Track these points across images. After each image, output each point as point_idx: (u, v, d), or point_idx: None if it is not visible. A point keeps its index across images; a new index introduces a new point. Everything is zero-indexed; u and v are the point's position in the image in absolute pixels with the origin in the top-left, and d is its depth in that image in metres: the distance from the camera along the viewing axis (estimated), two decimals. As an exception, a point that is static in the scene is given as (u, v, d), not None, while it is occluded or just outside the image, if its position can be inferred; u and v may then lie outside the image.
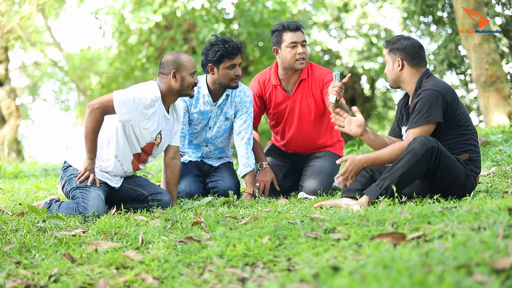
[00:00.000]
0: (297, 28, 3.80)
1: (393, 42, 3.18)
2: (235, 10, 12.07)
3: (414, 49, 3.14)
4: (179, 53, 3.36)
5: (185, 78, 3.29)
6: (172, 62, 3.28)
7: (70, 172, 3.27)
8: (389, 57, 3.19)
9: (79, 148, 3.32)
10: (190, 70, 3.31)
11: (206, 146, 3.96)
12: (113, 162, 3.28)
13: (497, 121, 7.94)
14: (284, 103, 3.94)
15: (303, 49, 3.79)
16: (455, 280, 1.44)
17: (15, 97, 12.12)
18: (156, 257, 2.17)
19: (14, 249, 2.41)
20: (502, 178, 3.75)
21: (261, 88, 4.00)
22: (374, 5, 15.74)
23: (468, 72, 10.81)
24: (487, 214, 2.15)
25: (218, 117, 3.86)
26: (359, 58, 14.66)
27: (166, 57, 3.32)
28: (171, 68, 3.28)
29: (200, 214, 2.81)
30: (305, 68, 3.89)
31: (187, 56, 3.35)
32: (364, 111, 16.80)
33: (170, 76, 3.27)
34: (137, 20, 10.92)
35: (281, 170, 4.02)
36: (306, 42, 3.82)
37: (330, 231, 2.26)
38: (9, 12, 10.57)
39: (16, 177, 6.54)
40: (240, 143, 3.84)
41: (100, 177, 3.26)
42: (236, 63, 3.71)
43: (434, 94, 2.99)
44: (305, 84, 3.90)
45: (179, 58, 3.30)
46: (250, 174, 3.80)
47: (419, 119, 2.99)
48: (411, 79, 3.15)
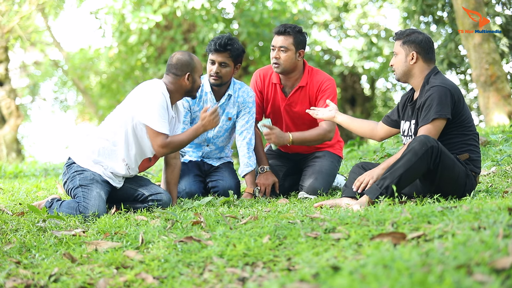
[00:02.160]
0: (281, 32, 3.74)
1: (408, 34, 3.14)
2: (235, 10, 12.06)
3: (429, 44, 3.13)
4: (191, 55, 3.40)
5: (196, 80, 3.37)
6: (187, 64, 3.34)
7: (73, 169, 3.26)
8: (401, 49, 3.14)
9: (83, 146, 3.32)
10: (201, 72, 3.41)
11: (207, 146, 3.95)
12: (120, 165, 3.28)
13: (497, 120, 7.94)
14: (281, 104, 3.93)
15: (278, 53, 3.73)
16: (455, 280, 1.44)
17: (15, 97, 12.12)
18: (156, 256, 2.17)
19: (14, 249, 2.41)
20: (502, 178, 3.75)
21: (261, 82, 3.97)
22: (374, 4, 15.74)
23: (468, 72, 10.81)
24: (487, 214, 2.15)
25: (220, 116, 3.85)
26: (359, 57, 14.66)
27: (180, 58, 3.35)
28: (186, 70, 3.33)
29: (200, 214, 2.81)
30: (305, 75, 3.85)
31: (197, 58, 3.42)
32: (364, 111, 16.79)
33: (185, 78, 3.32)
34: (137, 20, 10.91)
35: (281, 170, 4.01)
36: (285, 48, 3.71)
37: (330, 230, 2.26)
38: (9, 12, 10.57)
39: (16, 176, 6.54)
40: (242, 143, 3.84)
41: (103, 175, 3.26)
42: (216, 60, 3.69)
43: (443, 91, 2.99)
44: (303, 91, 3.87)
45: (192, 61, 3.36)
46: (251, 174, 3.81)
47: (431, 114, 2.97)
48: (420, 73, 3.13)
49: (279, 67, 3.77)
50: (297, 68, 3.84)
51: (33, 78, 19.05)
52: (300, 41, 3.77)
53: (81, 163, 3.28)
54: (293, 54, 3.76)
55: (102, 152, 3.26)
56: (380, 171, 3.07)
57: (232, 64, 3.73)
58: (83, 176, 3.21)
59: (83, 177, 3.20)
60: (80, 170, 3.24)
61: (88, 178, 3.20)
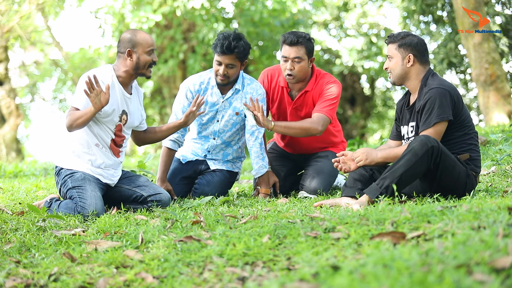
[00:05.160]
0: (294, 43, 3.66)
1: (402, 37, 3.14)
2: (235, 10, 12.07)
3: (424, 46, 3.14)
4: (136, 30, 3.31)
5: (141, 56, 3.26)
6: (128, 40, 3.25)
7: (63, 174, 3.26)
8: (397, 52, 3.14)
9: (63, 148, 3.32)
10: (146, 48, 3.26)
11: (214, 139, 3.89)
12: (97, 151, 3.27)
13: (497, 120, 7.94)
14: (287, 106, 3.90)
15: (292, 65, 3.67)
16: (455, 279, 1.44)
17: (15, 96, 12.12)
18: (156, 256, 2.17)
19: (14, 248, 2.41)
20: (502, 177, 3.76)
21: (268, 83, 3.92)
22: (373, 4, 15.74)
23: (468, 71, 10.81)
24: (487, 213, 2.15)
25: (226, 110, 3.81)
26: (358, 57, 14.67)
27: (123, 35, 3.30)
28: (127, 46, 3.24)
29: (200, 213, 2.81)
30: (312, 79, 3.82)
31: (144, 33, 3.30)
32: (364, 110, 16.79)
33: (125, 54, 3.25)
34: (137, 20, 10.91)
35: (282, 171, 4.01)
36: (299, 58, 3.66)
37: (330, 230, 2.26)
38: (9, 11, 10.56)
39: (16, 176, 6.54)
40: (254, 143, 3.82)
41: (92, 173, 3.25)
42: (223, 62, 3.64)
43: (443, 92, 2.99)
44: (308, 95, 3.84)
45: (134, 36, 3.26)
46: (266, 175, 3.82)
47: (432, 118, 2.97)
48: (417, 76, 3.14)
49: (294, 78, 3.73)
50: (308, 74, 3.82)
51: (32, 77, 19.04)
52: (311, 48, 3.73)
53: (68, 165, 3.27)
54: (306, 64, 3.72)
55: (79, 147, 3.27)
56: (378, 157, 3.07)
57: (239, 64, 3.69)
58: (74, 178, 3.20)
59: (74, 179, 3.20)
60: (69, 173, 3.24)
61: (79, 179, 3.19)
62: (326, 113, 3.73)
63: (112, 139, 3.31)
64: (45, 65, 18.09)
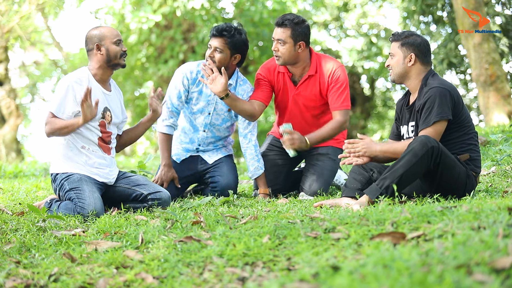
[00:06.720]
0: (279, 24, 3.65)
1: (406, 36, 3.15)
2: (235, 10, 12.06)
3: (427, 46, 3.15)
4: (99, 26, 3.39)
5: (110, 47, 3.30)
6: (93, 36, 3.32)
7: (60, 179, 3.26)
8: (399, 51, 3.15)
9: (55, 154, 3.33)
10: (113, 38, 3.32)
11: (204, 131, 3.89)
12: (86, 152, 3.28)
13: (497, 120, 7.94)
14: (289, 93, 3.86)
15: (276, 46, 3.66)
16: (455, 280, 1.44)
17: (15, 96, 12.12)
18: (156, 256, 2.17)
19: (14, 249, 2.41)
20: (502, 178, 3.76)
21: (270, 73, 3.87)
22: (374, 4, 15.75)
23: (468, 72, 10.82)
24: (487, 214, 2.15)
25: (217, 104, 3.81)
26: (358, 57, 14.67)
27: (88, 34, 3.36)
28: (94, 41, 3.31)
29: (200, 214, 2.82)
30: (313, 63, 3.78)
31: (108, 26, 3.38)
32: (364, 110, 16.79)
33: (95, 50, 3.30)
34: (137, 20, 10.91)
35: (282, 171, 3.99)
36: (282, 41, 3.63)
37: (330, 230, 2.26)
38: (9, 11, 10.56)
39: (16, 176, 6.54)
40: (248, 145, 3.83)
41: (87, 173, 3.26)
42: (212, 45, 3.65)
43: (443, 92, 2.99)
44: (313, 79, 3.80)
45: (99, 30, 3.33)
46: (263, 175, 3.82)
47: (431, 117, 2.98)
48: (417, 76, 3.15)
49: (280, 60, 3.70)
50: (300, 59, 3.74)
51: (32, 78, 19.04)
52: (299, 33, 3.65)
53: (62, 169, 3.27)
54: (291, 47, 3.65)
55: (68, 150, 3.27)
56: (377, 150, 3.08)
57: (228, 52, 3.66)
58: (70, 180, 3.21)
59: (71, 181, 3.20)
60: (65, 177, 3.24)
61: (75, 180, 3.19)
62: (344, 108, 3.76)
63: (99, 137, 3.33)
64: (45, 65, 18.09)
